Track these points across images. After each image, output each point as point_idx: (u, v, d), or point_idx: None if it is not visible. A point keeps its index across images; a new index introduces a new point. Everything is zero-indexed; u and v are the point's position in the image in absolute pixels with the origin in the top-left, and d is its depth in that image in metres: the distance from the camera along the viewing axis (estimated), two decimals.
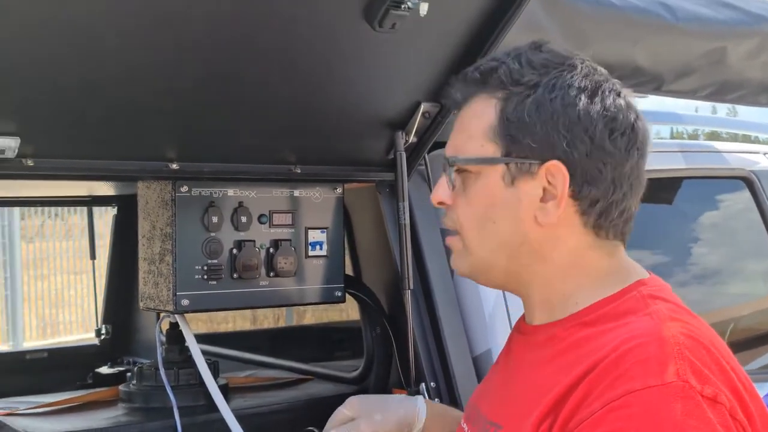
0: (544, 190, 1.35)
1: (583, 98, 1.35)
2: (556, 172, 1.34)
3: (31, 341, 7.55)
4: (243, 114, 1.81)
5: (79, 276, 8.09)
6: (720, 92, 2.34)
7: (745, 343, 2.97)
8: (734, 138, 4.00)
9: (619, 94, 1.38)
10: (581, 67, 1.38)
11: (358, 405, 1.73)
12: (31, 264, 8.20)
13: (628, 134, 1.36)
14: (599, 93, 1.36)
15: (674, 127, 5.71)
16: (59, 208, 8.26)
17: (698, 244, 2.84)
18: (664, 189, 2.62)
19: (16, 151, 1.60)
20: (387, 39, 1.74)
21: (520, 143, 1.35)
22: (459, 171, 1.43)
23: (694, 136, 6.05)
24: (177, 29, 1.57)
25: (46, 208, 8.21)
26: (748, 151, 2.80)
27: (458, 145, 1.43)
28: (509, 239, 1.38)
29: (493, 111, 1.38)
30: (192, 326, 3.22)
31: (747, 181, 2.70)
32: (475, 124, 1.40)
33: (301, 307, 2.94)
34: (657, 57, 2.12)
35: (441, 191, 1.46)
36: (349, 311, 2.48)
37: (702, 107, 3.52)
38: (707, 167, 2.64)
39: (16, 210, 7.23)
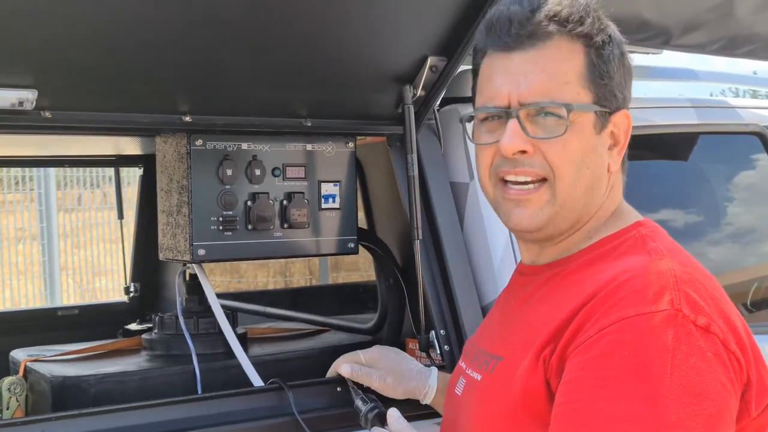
0: (610, 137, 1.45)
1: (627, 52, 1.47)
2: (622, 121, 1.44)
3: None
4: (253, 67, 1.86)
5: (117, 244, 8.20)
6: (729, 47, 2.35)
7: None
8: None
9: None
10: (613, 26, 1.48)
11: (378, 358, 1.82)
12: (69, 233, 8.35)
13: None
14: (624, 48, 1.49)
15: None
16: (96, 178, 8.39)
17: (714, 200, 2.85)
18: (677, 145, 2.64)
19: (34, 103, 1.66)
20: None
21: (606, 92, 1.42)
22: (546, 114, 1.41)
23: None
24: None
25: (83, 178, 8.34)
26: (761, 106, 2.81)
27: (550, 89, 1.40)
28: (597, 183, 1.45)
29: (583, 57, 1.41)
30: (223, 287, 3.33)
31: (761, 137, 2.72)
32: (567, 69, 1.41)
33: (335, 272, 3.02)
34: (663, 10, 2.14)
35: (518, 139, 1.40)
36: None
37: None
38: (720, 123, 2.66)
39: (52, 178, 7.35)
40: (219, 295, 2.28)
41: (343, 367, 1.81)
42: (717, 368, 1.23)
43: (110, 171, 3.27)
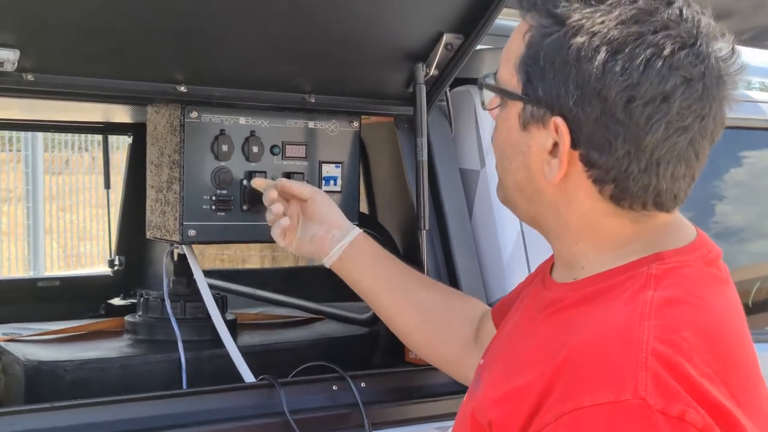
0: (555, 143, 1.20)
1: (603, 53, 1.14)
2: (559, 129, 1.18)
3: (53, 272, 7.59)
4: (256, 37, 1.73)
5: (104, 210, 8.10)
6: (759, 37, 2.23)
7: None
8: None
9: (661, 53, 1.13)
10: (622, 10, 1.15)
11: (315, 202, 1.72)
12: (56, 196, 8.22)
13: (655, 105, 1.14)
14: (626, 49, 1.14)
15: None
16: (85, 142, 8.25)
17: (724, 200, 2.74)
18: None
19: (16, 64, 1.54)
20: None
21: (533, 86, 1.20)
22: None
23: None
24: None
25: (71, 142, 8.20)
26: None
27: (500, 63, 1.28)
28: (523, 184, 1.26)
29: (522, 39, 1.22)
30: (208, 263, 3.20)
31: None
32: (514, 47, 1.24)
33: None
34: None
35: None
36: None
37: None
38: (743, 117, 2.53)
39: (40, 140, 7.21)
40: (211, 272, 2.16)
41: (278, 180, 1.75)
42: None
43: (99, 135, 3.13)
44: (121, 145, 3.62)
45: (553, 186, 1.22)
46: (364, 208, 2.25)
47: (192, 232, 1.82)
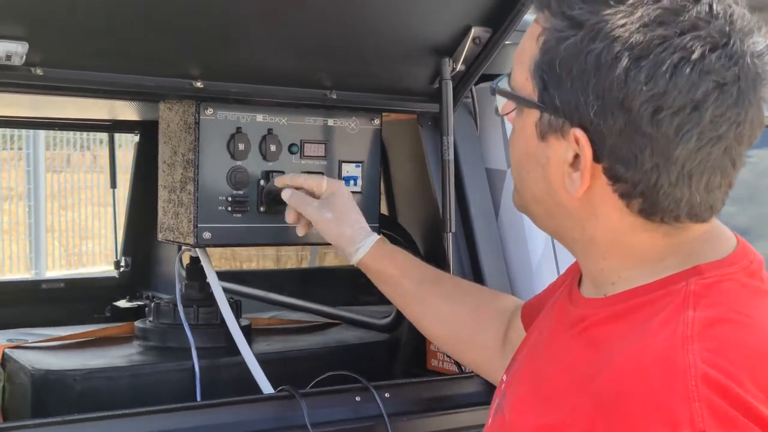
0: (576, 155, 1.11)
1: (625, 60, 1.04)
2: (580, 141, 1.09)
3: (54, 271, 7.53)
4: (275, 31, 1.65)
5: (105, 208, 8.06)
6: None
7: None
8: None
9: (689, 57, 1.03)
10: (645, 11, 1.05)
11: (334, 193, 1.69)
12: (57, 194, 8.16)
13: (685, 114, 1.04)
14: (651, 54, 1.04)
15: None
16: (86, 140, 8.18)
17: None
18: None
19: (24, 57, 1.46)
20: None
21: (550, 94, 1.10)
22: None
23: None
24: None
25: (73, 140, 8.13)
26: None
27: (513, 66, 1.18)
28: (543, 197, 1.17)
29: (536, 42, 1.12)
30: (215, 263, 3.12)
31: None
32: (527, 50, 1.14)
33: (324, 248, 2.80)
34: None
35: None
36: None
37: None
38: None
39: (42, 138, 7.14)
40: (220, 274, 2.08)
41: (285, 191, 1.70)
42: None
43: (102, 133, 3.06)
44: (123, 142, 3.53)
45: (576, 200, 1.13)
46: (383, 209, 2.16)
47: (207, 235, 1.74)
